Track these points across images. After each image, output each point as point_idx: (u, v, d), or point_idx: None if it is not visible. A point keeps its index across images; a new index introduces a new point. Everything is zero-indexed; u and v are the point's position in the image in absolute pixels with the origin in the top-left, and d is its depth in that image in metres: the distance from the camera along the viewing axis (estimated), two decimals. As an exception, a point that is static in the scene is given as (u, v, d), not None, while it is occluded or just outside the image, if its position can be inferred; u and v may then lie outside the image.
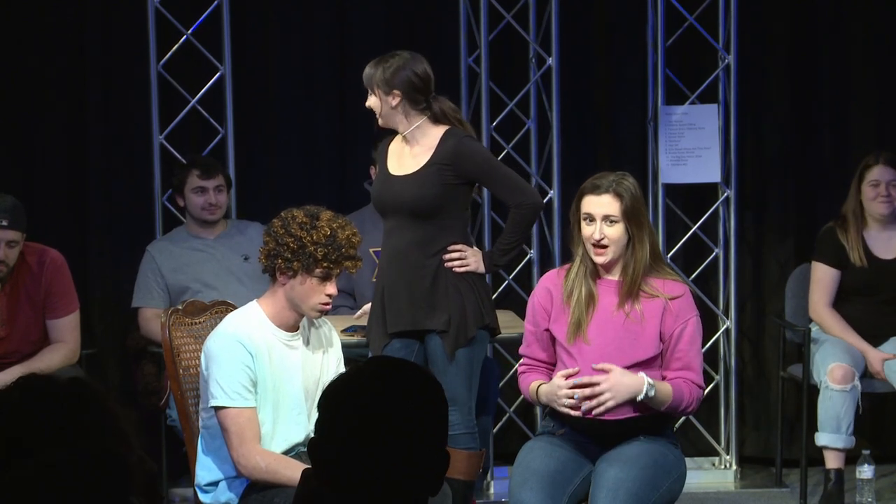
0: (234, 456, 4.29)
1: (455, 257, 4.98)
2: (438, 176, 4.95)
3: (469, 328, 4.95)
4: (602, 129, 6.74)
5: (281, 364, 4.37)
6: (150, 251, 6.05)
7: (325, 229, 4.31)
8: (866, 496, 5.83)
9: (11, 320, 5.50)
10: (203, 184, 6.02)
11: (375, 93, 5.02)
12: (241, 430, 4.27)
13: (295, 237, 4.30)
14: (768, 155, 6.74)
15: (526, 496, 4.37)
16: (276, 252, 4.32)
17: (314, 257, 4.30)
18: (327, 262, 4.31)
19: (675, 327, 4.48)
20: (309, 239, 4.29)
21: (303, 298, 4.35)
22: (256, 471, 4.27)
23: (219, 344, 4.32)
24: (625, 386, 4.39)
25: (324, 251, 4.30)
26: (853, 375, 5.87)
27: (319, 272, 4.32)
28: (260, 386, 4.32)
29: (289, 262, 4.31)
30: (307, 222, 4.32)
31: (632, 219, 4.45)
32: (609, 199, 4.45)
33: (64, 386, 2.34)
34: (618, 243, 4.47)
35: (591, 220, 4.48)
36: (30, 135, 6.50)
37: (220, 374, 4.28)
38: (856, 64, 6.72)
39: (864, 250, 6.09)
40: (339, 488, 2.39)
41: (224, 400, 4.27)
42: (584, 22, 6.67)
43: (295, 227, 4.31)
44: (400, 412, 2.39)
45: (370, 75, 5.03)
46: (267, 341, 4.35)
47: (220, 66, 6.25)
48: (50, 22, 6.47)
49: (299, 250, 4.30)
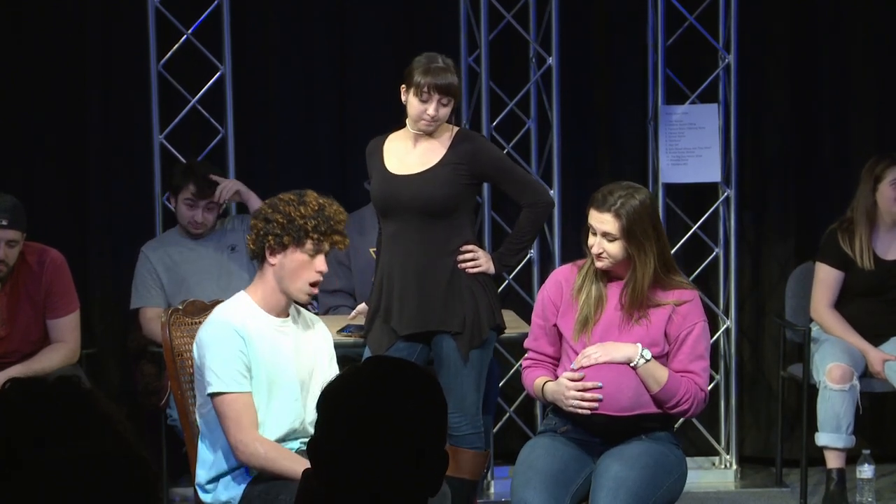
0: (232, 442, 4.28)
1: (468, 258, 4.98)
2: (453, 175, 4.94)
3: (483, 329, 4.95)
4: (602, 129, 6.74)
5: (273, 349, 4.38)
6: (144, 251, 6.05)
7: (313, 203, 4.37)
8: (866, 496, 5.84)
9: (11, 320, 5.50)
10: (194, 200, 6.00)
11: (456, 100, 4.96)
12: (239, 415, 4.28)
13: (283, 213, 4.35)
14: (768, 155, 6.74)
15: (529, 495, 4.37)
16: (266, 230, 4.36)
17: (304, 229, 4.34)
18: (317, 234, 4.35)
19: (681, 330, 4.49)
20: (298, 213, 4.34)
21: (293, 276, 4.37)
22: (255, 457, 4.27)
23: (211, 332, 4.34)
24: (617, 347, 4.43)
25: (314, 223, 4.34)
26: (852, 375, 5.87)
27: (310, 245, 4.35)
28: (254, 371, 4.33)
29: (279, 238, 4.34)
30: (294, 199, 4.38)
31: (631, 239, 4.45)
32: (609, 217, 4.47)
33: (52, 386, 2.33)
34: (615, 257, 4.50)
35: (594, 232, 4.51)
36: (30, 135, 6.50)
37: (215, 361, 4.28)
38: (856, 64, 6.72)
39: (870, 252, 6.08)
40: (338, 488, 2.39)
41: (220, 385, 4.28)
42: (584, 21, 6.67)
43: (283, 205, 4.37)
44: (399, 412, 2.39)
45: (455, 84, 4.92)
46: (258, 327, 4.37)
47: (220, 65, 6.25)
48: (50, 22, 6.47)
49: (289, 224, 4.34)
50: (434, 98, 4.89)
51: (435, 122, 4.93)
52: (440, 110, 4.91)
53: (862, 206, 6.09)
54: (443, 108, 4.91)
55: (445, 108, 4.92)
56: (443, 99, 4.90)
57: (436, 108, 4.90)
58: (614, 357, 4.44)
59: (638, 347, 4.44)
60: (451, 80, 4.91)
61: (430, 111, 4.90)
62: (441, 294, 4.94)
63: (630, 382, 4.45)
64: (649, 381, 4.44)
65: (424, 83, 4.88)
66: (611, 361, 4.44)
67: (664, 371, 4.45)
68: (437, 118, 4.92)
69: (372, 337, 5.05)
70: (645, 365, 4.43)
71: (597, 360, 4.44)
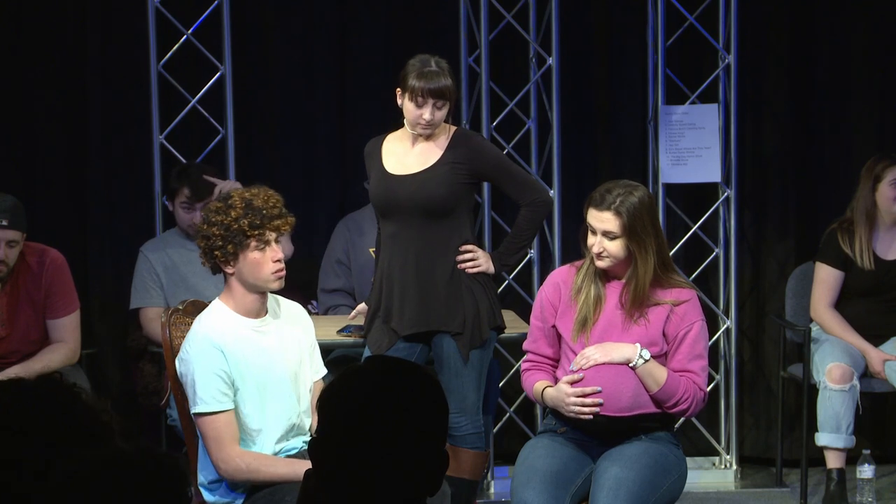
0: (214, 460, 4.34)
1: (468, 258, 4.97)
2: (452, 175, 4.94)
3: (483, 329, 4.95)
4: (602, 129, 6.74)
5: (258, 352, 4.40)
6: (143, 252, 6.05)
7: (238, 203, 4.38)
8: (867, 496, 5.83)
9: (12, 320, 5.50)
10: (190, 203, 6.00)
11: (451, 103, 4.95)
12: (219, 434, 4.32)
13: (217, 224, 4.37)
14: (768, 155, 6.74)
15: (529, 495, 4.37)
16: (210, 246, 4.39)
17: (241, 231, 4.35)
18: (255, 230, 4.36)
19: (679, 329, 4.49)
20: (229, 218, 4.36)
21: (255, 275, 4.39)
22: (238, 472, 4.32)
23: (191, 350, 4.38)
24: (615, 348, 4.43)
25: (247, 221, 4.35)
26: (852, 375, 5.86)
27: (254, 243, 4.36)
28: (239, 380, 4.36)
29: (224, 249, 4.37)
30: (221, 206, 4.40)
31: (632, 236, 4.46)
32: (609, 216, 4.47)
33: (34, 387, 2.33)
34: (616, 256, 4.49)
35: (594, 231, 4.50)
36: (30, 135, 6.50)
37: (196, 381, 4.33)
38: (856, 64, 6.72)
39: (870, 251, 6.07)
40: (339, 488, 2.39)
41: (201, 406, 4.33)
42: (584, 22, 6.67)
43: (213, 216, 4.39)
44: (399, 412, 2.39)
45: (448, 88, 4.90)
46: (237, 333, 4.39)
47: (220, 65, 6.24)
48: (50, 22, 6.47)
49: (226, 233, 4.36)
50: (429, 102, 4.89)
51: (431, 125, 4.93)
52: (436, 114, 4.91)
53: (861, 206, 6.09)
54: (438, 111, 4.91)
55: (441, 112, 4.92)
56: (437, 102, 4.90)
57: (431, 113, 4.90)
58: (613, 358, 4.44)
59: (636, 348, 4.44)
60: (444, 83, 4.90)
61: (426, 116, 4.90)
62: (441, 294, 4.94)
63: (629, 383, 4.45)
64: (648, 382, 4.44)
65: (418, 88, 4.88)
66: (609, 362, 4.44)
67: (663, 371, 4.45)
68: (433, 122, 4.92)
69: (372, 337, 5.05)
70: (644, 365, 4.43)
71: (596, 361, 4.44)
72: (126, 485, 2.12)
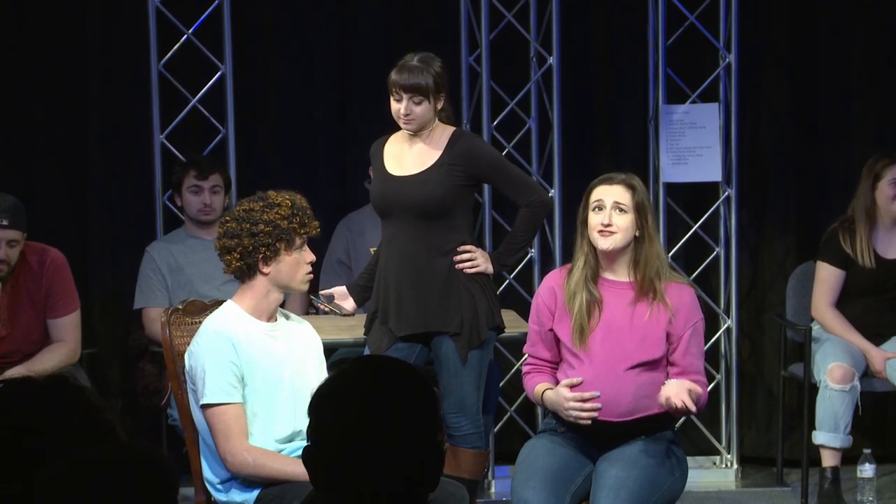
0: (221, 453, 4.33)
1: (465, 258, 4.97)
2: (448, 176, 4.93)
3: (482, 330, 4.95)
4: (603, 129, 6.74)
5: (267, 354, 4.41)
6: (149, 252, 6.05)
7: (284, 202, 4.42)
8: (867, 495, 5.83)
9: (12, 320, 5.50)
10: (199, 183, 6.02)
11: (429, 99, 4.92)
12: (227, 426, 4.31)
13: (266, 222, 4.38)
14: (769, 154, 6.74)
15: (529, 494, 4.37)
16: (254, 246, 4.38)
17: (291, 230, 4.39)
18: (303, 229, 4.43)
19: (681, 329, 4.49)
20: (278, 216, 4.38)
21: (291, 275, 4.43)
22: (244, 466, 4.31)
23: (201, 343, 4.37)
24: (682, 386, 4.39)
25: (298, 219, 4.41)
26: (853, 375, 5.86)
27: (299, 241, 4.42)
28: (249, 378, 4.36)
29: (272, 247, 4.38)
30: (265, 206, 4.41)
31: (641, 212, 4.49)
32: (621, 189, 4.51)
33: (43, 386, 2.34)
34: (625, 232, 4.48)
35: (601, 208, 4.50)
36: (30, 134, 6.50)
37: (206, 372, 4.32)
38: (856, 64, 6.72)
39: (871, 250, 6.07)
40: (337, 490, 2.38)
41: (210, 397, 4.32)
42: (584, 21, 6.67)
43: (259, 215, 4.39)
44: (391, 410, 2.38)
45: (423, 83, 4.88)
46: (250, 334, 4.40)
47: (220, 65, 6.25)
48: (50, 22, 6.47)
49: (276, 231, 4.38)
50: (404, 97, 4.89)
51: (410, 120, 4.92)
52: (413, 109, 4.89)
53: (862, 205, 6.09)
54: (416, 106, 4.90)
55: (419, 107, 4.90)
56: (414, 97, 4.89)
57: (407, 107, 4.89)
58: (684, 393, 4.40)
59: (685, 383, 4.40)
60: (418, 79, 4.87)
61: (402, 110, 4.90)
62: (438, 295, 4.94)
63: (628, 388, 4.45)
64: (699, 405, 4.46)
65: (393, 82, 4.91)
66: None
67: (698, 388, 4.43)
68: (411, 117, 4.91)
69: (371, 338, 5.05)
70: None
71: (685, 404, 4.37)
72: (125, 483, 2.12)
